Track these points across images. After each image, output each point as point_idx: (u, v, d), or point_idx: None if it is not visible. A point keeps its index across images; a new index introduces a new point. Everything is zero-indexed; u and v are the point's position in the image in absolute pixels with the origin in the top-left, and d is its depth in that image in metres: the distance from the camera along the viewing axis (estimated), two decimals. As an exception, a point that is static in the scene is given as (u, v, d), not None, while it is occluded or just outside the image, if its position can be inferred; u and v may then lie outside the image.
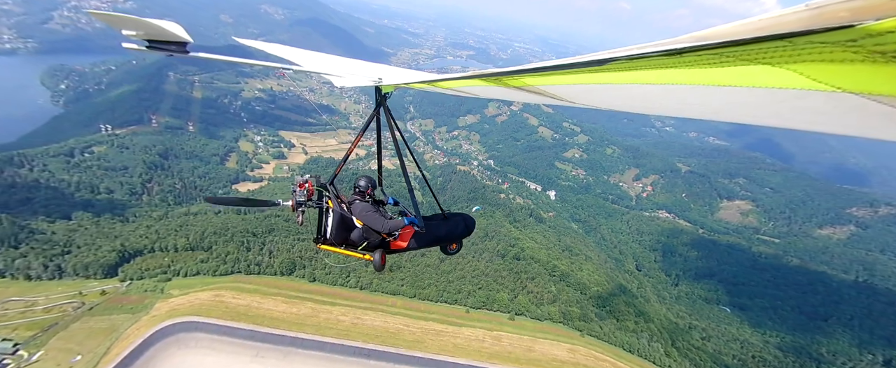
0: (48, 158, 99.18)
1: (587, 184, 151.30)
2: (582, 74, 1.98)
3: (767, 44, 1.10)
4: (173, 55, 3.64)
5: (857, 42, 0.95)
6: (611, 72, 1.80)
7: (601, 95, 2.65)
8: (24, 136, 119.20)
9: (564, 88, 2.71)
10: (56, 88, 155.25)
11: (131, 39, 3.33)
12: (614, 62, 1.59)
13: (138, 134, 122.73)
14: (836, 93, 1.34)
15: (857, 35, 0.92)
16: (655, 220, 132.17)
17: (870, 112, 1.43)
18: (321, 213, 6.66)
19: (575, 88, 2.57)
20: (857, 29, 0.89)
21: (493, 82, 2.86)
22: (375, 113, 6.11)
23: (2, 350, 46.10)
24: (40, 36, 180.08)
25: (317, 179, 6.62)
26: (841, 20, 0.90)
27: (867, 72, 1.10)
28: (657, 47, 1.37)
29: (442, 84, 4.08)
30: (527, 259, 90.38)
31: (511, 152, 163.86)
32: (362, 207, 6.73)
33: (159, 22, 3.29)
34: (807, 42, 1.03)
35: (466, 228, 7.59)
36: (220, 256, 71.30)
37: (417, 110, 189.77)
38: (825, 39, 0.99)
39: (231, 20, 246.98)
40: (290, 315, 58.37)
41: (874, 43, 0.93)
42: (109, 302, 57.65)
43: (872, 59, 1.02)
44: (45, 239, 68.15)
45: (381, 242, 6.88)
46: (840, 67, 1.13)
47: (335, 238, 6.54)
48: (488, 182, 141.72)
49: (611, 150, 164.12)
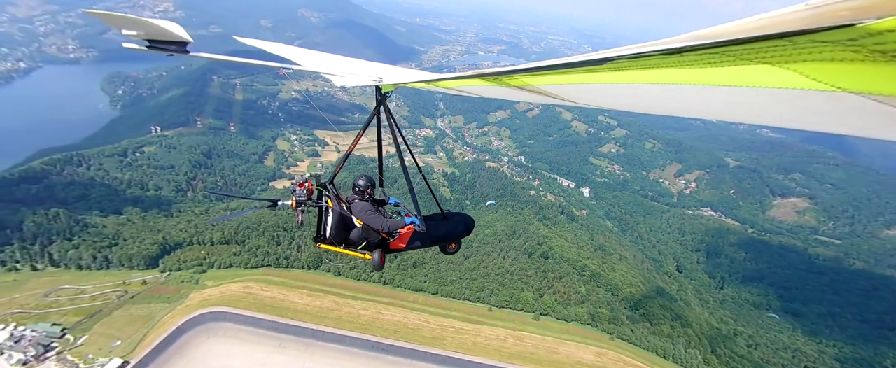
0: (104, 158, 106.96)
1: (624, 180, 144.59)
2: (582, 74, 1.99)
3: (767, 43, 1.10)
4: (173, 55, 3.66)
5: (857, 41, 0.95)
6: (611, 71, 1.80)
7: (602, 95, 2.65)
8: (85, 138, 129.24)
9: (565, 88, 2.69)
10: (114, 94, 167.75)
11: (132, 39, 3.34)
12: (614, 61, 1.60)
13: (184, 134, 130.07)
14: (836, 92, 1.34)
15: (857, 34, 0.91)
16: (699, 219, 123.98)
17: (870, 112, 1.43)
18: (321, 213, 6.68)
19: (575, 88, 2.56)
20: (857, 28, 0.89)
21: (493, 82, 2.84)
22: (375, 112, 6.11)
23: (50, 334, 50.26)
24: (100, 45, 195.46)
25: (317, 179, 6.66)
26: (841, 19, 0.89)
27: (867, 72, 1.10)
28: (657, 46, 1.37)
29: (442, 83, 4.12)
30: (555, 257, 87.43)
31: (543, 148, 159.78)
32: (362, 207, 6.67)
33: (159, 22, 3.29)
34: (807, 41, 1.03)
35: (466, 228, 7.57)
36: (252, 250, 74.14)
37: (447, 106, 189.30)
38: (825, 39, 0.98)
39: (270, 25, 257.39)
40: (313, 308, 59.60)
41: (874, 42, 0.93)
42: (149, 291, 61.40)
43: (873, 59, 1.01)
44: (97, 233, 73.72)
45: (381, 242, 6.84)
46: (840, 67, 1.12)
47: (334, 237, 6.56)
48: (518, 178, 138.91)
49: (650, 145, 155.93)
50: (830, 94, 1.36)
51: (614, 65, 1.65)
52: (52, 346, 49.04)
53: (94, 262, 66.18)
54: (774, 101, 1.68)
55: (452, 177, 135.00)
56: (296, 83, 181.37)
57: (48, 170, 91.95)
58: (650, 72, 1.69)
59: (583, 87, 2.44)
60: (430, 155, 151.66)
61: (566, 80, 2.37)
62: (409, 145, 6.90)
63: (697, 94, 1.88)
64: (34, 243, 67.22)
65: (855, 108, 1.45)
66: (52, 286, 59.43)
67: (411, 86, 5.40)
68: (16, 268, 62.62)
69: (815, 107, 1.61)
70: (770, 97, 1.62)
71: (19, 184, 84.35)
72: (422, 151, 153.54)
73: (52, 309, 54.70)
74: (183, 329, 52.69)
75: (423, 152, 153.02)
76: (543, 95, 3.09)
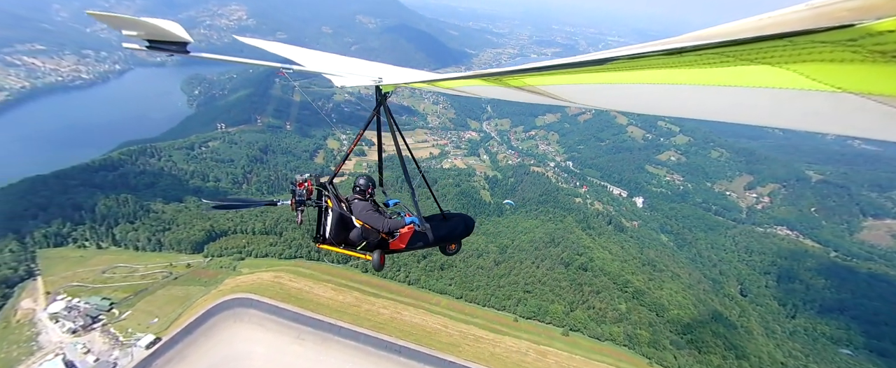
0: (173, 151, 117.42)
1: (684, 191, 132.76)
2: (582, 74, 1.99)
3: (768, 43, 1.10)
4: (173, 55, 3.67)
5: (857, 41, 0.95)
6: (611, 71, 1.80)
7: (602, 95, 2.67)
8: (163, 133, 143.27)
9: (565, 88, 2.69)
10: (191, 94, 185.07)
11: (131, 39, 3.36)
12: (615, 61, 1.59)
13: (246, 132, 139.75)
14: (836, 93, 1.34)
15: (858, 34, 0.91)
16: (771, 238, 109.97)
17: (870, 112, 1.43)
18: (320, 212, 6.61)
19: (575, 88, 2.57)
20: (857, 28, 0.89)
21: (493, 82, 2.84)
22: (376, 112, 5.99)
23: (99, 307, 55.27)
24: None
25: (316, 178, 6.57)
26: (841, 19, 0.89)
27: (868, 72, 1.10)
28: (657, 47, 1.37)
29: (442, 84, 4.13)
30: (595, 270, 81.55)
31: (593, 153, 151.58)
32: (362, 206, 6.62)
33: (159, 22, 3.29)
34: (807, 41, 1.02)
35: (466, 228, 7.49)
36: (288, 241, 76.97)
37: (494, 109, 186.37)
38: (826, 39, 0.98)
39: (331, 31, 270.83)
40: (335, 303, 60.16)
41: (874, 42, 0.93)
42: (191, 274, 65.72)
43: (873, 59, 1.01)
44: (156, 217, 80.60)
45: (381, 242, 6.81)
46: (840, 67, 1.12)
47: (334, 237, 6.49)
48: (564, 184, 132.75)
49: (717, 153, 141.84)
50: (831, 95, 1.36)
51: (614, 65, 1.64)
52: (99, 318, 53.93)
53: (148, 244, 72.30)
54: (775, 102, 1.68)
55: (494, 181, 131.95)
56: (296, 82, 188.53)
57: (125, 160, 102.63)
58: (651, 73, 1.68)
59: (583, 88, 2.42)
60: (473, 157, 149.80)
61: (566, 81, 2.35)
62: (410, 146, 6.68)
63: (698, 94, 1.87)
64: (102, 224, 74.92)
65: (855, 108, 1.45)
66: (111, 264, 65.67)
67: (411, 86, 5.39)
68: (84, 246, 70.12)
69: (815, 108, 1.60)
70: (770, 97, 1.61)
71: (99, 171, 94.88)
72: (465, 153, 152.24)
73: (106, 285, 60.33)
74: (212, 312, 55.50)
75: (467, 154, 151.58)
76: (543, 96, 3.06)
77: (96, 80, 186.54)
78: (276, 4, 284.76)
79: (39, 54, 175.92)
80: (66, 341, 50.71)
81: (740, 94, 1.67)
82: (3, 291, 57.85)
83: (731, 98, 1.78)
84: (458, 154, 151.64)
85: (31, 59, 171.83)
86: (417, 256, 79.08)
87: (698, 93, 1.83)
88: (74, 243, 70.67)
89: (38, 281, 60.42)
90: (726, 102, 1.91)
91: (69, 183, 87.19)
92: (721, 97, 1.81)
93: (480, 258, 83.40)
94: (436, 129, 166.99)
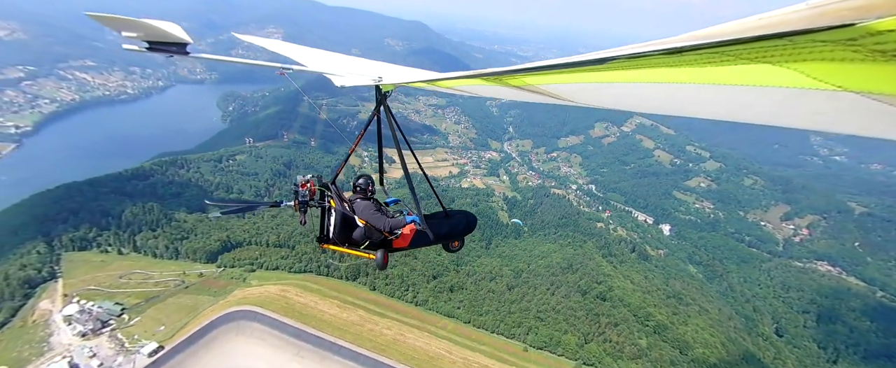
0: (202, 163, 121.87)
1: (715, 219, 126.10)
2: (582, 73, 2.00)
3: (768, 42, 1.10)
4: (173, 56, 3.69)
5: (857, 41, 0.95)
6: (611, 70, 1.80)
7: (601, 94, 2.67)
8: (196, 146, 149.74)
9: (564, 87, 2.70)
10: (226, 109, 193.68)
11: (131, 41, 3.38)
12: (614, 61, 1.59)
13: (272, 147, 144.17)
14: (836, 92, 1.34)
15: (858, 33, 0.91)
16: (810, 274, 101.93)
17: (870, 111, 1.43)
18: (323, 213, 6.64)
19: (575, 87, 2.58)
20: (857, 27, 0.88)
21: (493, 81, 2.85)
22: (376, 112, 6.10)
23: (110, 312, 56.37)
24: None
25: (318, 179, 6.58)
26: (842, 18, 0.89)
27: (868, 71, 1.10)
28: (657, 46, 1.36)
29: (442, 83, 4.17)
30: (614, 300, 77.46)
31: (617, 177, 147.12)
32: (364, 206, 6.64)
33: (158, 23, 3.33)
34: (808, 40, 1.02)
35: (468, 225, 7.51)
36: (299, 255, 77.13)
37: (516, 130, 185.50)
38: (826, 38, 0.98)
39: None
40: (338, 320, 59.02)
41: (875, 42, 0.93)
42: (202, 283, 66.50)
43: (873, 58, 1.01)
44: (177, 226, 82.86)
45: (384, 241, 6.78)
46: (841, 66, 1.12)
47: (337, 237, 6.49)
48: (585, 208, 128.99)
49: (751, 181, 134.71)
50: (831, 94, 1.36)
51: (614, 64, 1.63)
52: (109, 323, 54.89)
53: (166, 252, 74.09)
54: (775, 100, 1.68)
55: (513, 202, 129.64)
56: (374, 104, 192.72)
57: (155, 170, 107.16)
58: (650, 72, 1.68)
59: (582, 87, 2.43)
60: (492, 177, 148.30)
61: (565, 80, 2.35)
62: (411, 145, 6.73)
63: (698, 94, 1.87)
64: (126, 230, 77.57)
65: (855, 108, 1.45)
66: (128, 269, 67.46)
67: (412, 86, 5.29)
68: (107, 251, 72.56)
69: (815, 107, 1.61)
70: (770, 96, 1.61)
71: (130, 180, 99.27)
72: (485, 173, 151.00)
73: (120, 290, 61.74)
74: (216, 323, 55.44)
75: (486, 174, 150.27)
76: (543, 95, 3.06)
77: (140, 95, 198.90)
78: (310, 28, 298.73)
79: (90, 70, 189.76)
80: (75, 344, 51.72)
81: (740, 93, 1.66)
82: (25, 291, 60.18)
83: (731, 97, 1.77)
84: (477, 173, 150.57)
85: (82, 74, 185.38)
86: (427, 276, 77.44)
87: (698, 92, 1.82)
88: (98, 248, 73.26)
89: (58, 283, 62.62)
90: (726, 101, 1.92)
91: (101, 190, 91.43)
92: (721, 96, 1.80)
93: (493, 281, 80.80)
94: (456, 148, 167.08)
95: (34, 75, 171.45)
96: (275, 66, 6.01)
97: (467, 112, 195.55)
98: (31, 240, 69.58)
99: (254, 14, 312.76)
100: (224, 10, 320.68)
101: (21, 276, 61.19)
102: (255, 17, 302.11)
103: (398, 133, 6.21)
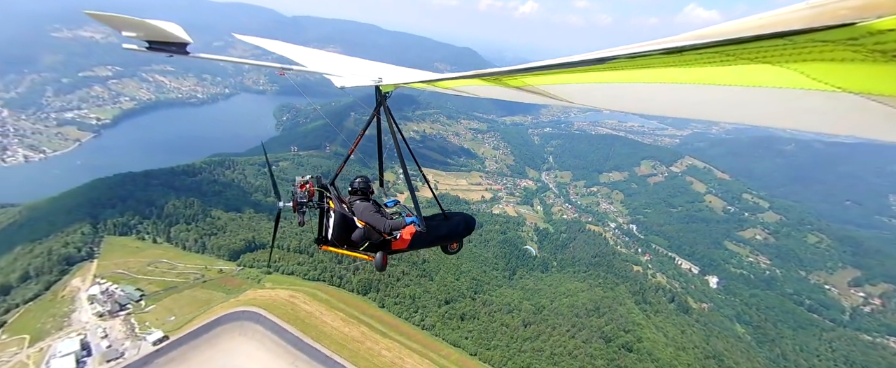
0: (247, 165, 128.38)
1: (771, 277, 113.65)
2: (582, 74, 2.01)
3: (768, 42, 1.09)
4: (173, 55, 3.70)
5: (857, 40, 0.94)
6: (611, 70, 1.80)
7: (601, 95, 2.69)
8: (248, 150, 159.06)
9: (564, 88, 2.72)
10: (280, 119, 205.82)
11: (131, 40, 3.37)
12: (614, 60, 1.58)
13: (314, 157, 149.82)
14: (836, 92, 1.34)
15: (858, 33, 0.90)
16: (881, 350, 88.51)
17: (870, 112, 1.43)
18: (322, 214, 6.60)
19: (575, 88, 2.60)
20: (857, 27, 0.88)
21: (493, 82, 2.86)
22: (376, 113, 6.09)
23: (130, 296, 58.83)
24: (281, 82, 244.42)
25: (318, 180, 6.59)
26: (842, 18, 0.89)
27: (868, 72, 1.10)
28: (657, 45, 1.35)
29: (441, 84, 4.16)
30: (641, 353, 70.44)
31: (662, 219, 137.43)
32: (364, 207, 6.60)
33: (158, 23, 3.34)
34: (808, 40, 1.02)
35: (467, 227, 7.48)
36: (315, 262, 77.42)
37: (556, 160, 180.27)
38: (826, 38, 0.97)
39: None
40: (339, 334, 57.62)
41: (875, 42, 0.92)
42: (220, 279, 68.22)
43: (873, 58, 1.01)
44: (211, 222, 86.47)
45: (383, 242, 6.71)
46: (841, 66, 1.12)
47: (336, 238, 6.43)
48: (622, 249, 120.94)
49: (815, 238, 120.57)
50: (831, 94, 1.35)
51: (614, 64, 1.62)
52: (126, 307, 57.23)
53: (194, 245, 77.30)
54: (774, 101, 1.68)
55: (544, 233, 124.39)
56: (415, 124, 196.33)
57: (203, 168, 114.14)
58: (650, 72, 1.67)
59: (582, 87, 2.43)
60: (525, 206, 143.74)
61: (565, 80, 2.34)
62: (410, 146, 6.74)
63: (697, 93, 1.86)
64: (164, 221, 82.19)
65: (855, 108, 1.44)
66: (157, 258, 70.80)
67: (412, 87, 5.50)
68: (143, 238, 77.01)
69: (815, 107, 1.61)
70: (770, 96, 1.61)
71: (180, 175, 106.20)
72: (518, 201, 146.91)
73: (145, 276, 64.67)
74: (222, 321, 56.09)
75: (520, 203, 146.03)
76: (543, 95, 3.06)
77: (207, 100, 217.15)
78: (367, 48, 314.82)
79: (168, 74, 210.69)
80: (92, 323, 54.16)
81: (740, 93, 1.65)
82: (62, 268, 64.74)
83: (731, 97, 1.75)
84: (510, 201, 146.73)
85: (161, 77, 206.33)
86: (439, 300, 74.61)
87: (698, 92, 1.80)
88: (137, 235, 77.97)
89: (93, 264, 66.84)
90: (726, 101, 1.91)
91: (152, 181, 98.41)
92: (721, 96, 1.78)
93: (509, 314, 76.38)
94: (492, 174, 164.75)
95: (120, 75, 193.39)
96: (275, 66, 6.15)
97: (507, 138, 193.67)
98: (80, 221, 75.42)
99: (318, 33, 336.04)
100: (292, 28, 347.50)
101: (62, 253, 66.07)
102: (318, 37, 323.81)
103: (398, 134, 6.13)
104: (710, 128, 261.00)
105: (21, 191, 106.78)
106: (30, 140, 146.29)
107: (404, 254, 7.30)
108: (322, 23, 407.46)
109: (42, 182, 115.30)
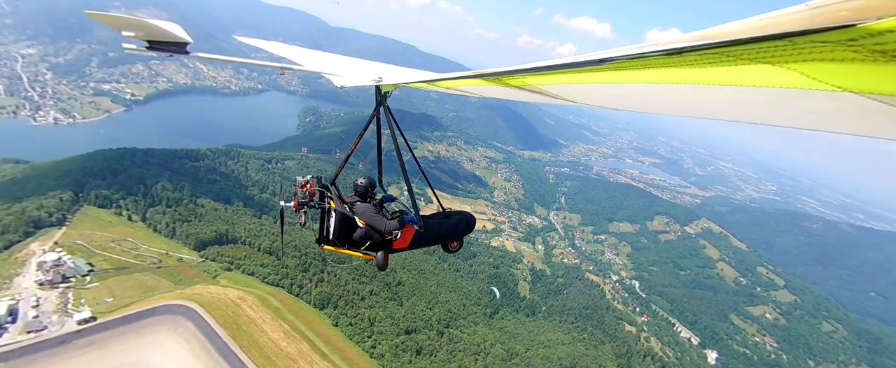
0: (252, 159, 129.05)
1: (776, 362, 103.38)
2: (582, 74, 2.02)
3: (768, 43, 1.10)
4: (173, 55, 3.69)
5: (857, 41, 0.95)
6: (611, 71, 1.81)
7: (601, 95, 2.71)
8: (263, 145, 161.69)
9: (564, 88, 2.75)
10: (303, 120, 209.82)
11: (131, 40, 3.33)
12: (614, 61, 1.60)
13: (321, 160, 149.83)
14: (836, 92, 1.35)
15: (858, 34, 0.91)
16: None
17: (870, 111, 1.44)
18: (323, 214, 6.60)
19: (575, 88, 2.63)
20: (857, 28, 0.89)
21: (493, 82, 2.91)
22: (375, 113, 6.16)
23: (78, 269, 57.38)
24: (313, 86, 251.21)
25: (318, 180, 6.53)
26: (841, 19, 0.90)
27: (867, 72, 1.11)
28: (657, 46, 1.36)
29: (441, 83, 4.20)
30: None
31: (667, 280, 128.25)
32: (364, 207, 6.54)
33: (159, 22, 3.34)
34: (807, 41, 1.03)
35: (467, 226, 7.56)
36: (277, 267, 74.44)
37: (568, 202, 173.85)
38: (826, 39, 0.98)
39: (437, 96, 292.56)
40: (273, 348, 53.72)
41: (874, 42, 0.93)
42: (176, 268, 66.21)
43: (873, 59, 1.01)
44: (191, 209, 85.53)
45: (383, 242, 6.69)
46: (840, 67, 1.13)
47: (337, 238, 6.43)
48: (619, 305, 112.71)
49: (830, 327, 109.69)
50: (831, 94, 1.36)
51: (614, 65, 1.64)
52: (69, 279, 55.66)
53: (165, 229, 76.16)
54: (775, 101, 1.69)
55: (539, 275, 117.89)
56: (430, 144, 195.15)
57: (206, 155, 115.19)
58: (650, 72, 1.67)
59: (582, 87, 2.47)
60: (526, 243, 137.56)
61: (566, 80, 2.37)
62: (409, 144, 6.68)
63: (698, 94, 1.87)
64: (147, 201, 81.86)
65: (855, 108, 1.45)
66: (124, 236, 69.79)
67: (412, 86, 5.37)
68: (120, 214, 76.59)
69: (815, 107, 1.62)
70: (770, 97, 1.61)
71: (181, 158, 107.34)
72: (520, 237, 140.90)
73: (103, 252, 63.48)
74: (156, 311, 53.45)
75: (521, 239, 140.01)
76: (543, 95, 3.09)
77: (239, 92, 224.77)
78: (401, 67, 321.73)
79: (208, 62, 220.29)
80: (30, 290, 52.73)
81: (740, 94, 1.65)
82: (29, 230, 64.47)
83: (731, 97, 1.77)
84: (512, 235, 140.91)
85: (201, 64, 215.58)
86: (399, 328, 69.74)
87: (698, 93, 1.81)
88: (115, 209, 77.59)
89: (60, 231, 66.36)
90: (726, 101, 1.91)
91: (151, 160, 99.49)
92: (721, 96, 1.79)
93: (474, 356, 70.53)
94: (499, 205, 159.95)
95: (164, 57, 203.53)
96: (275, 66, 6.46)
97: (521, 171, 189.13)
98: (64, 188, 75.92)
99: (358, 46, 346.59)
100: (335, 38, 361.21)
101: (33, 215, 66.07)
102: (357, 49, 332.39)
103: (398, 134, 6.17)
104: (736, 194, 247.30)
105: (40, 150, 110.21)
106: (64, 104, 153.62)
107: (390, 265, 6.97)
108: (364, 37, 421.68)
109: (63, 144, 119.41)
